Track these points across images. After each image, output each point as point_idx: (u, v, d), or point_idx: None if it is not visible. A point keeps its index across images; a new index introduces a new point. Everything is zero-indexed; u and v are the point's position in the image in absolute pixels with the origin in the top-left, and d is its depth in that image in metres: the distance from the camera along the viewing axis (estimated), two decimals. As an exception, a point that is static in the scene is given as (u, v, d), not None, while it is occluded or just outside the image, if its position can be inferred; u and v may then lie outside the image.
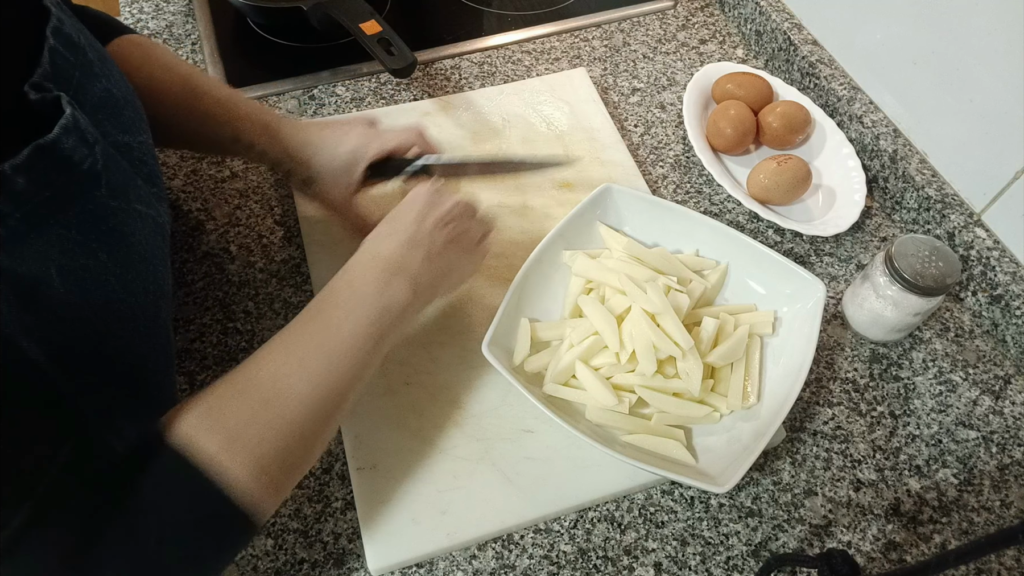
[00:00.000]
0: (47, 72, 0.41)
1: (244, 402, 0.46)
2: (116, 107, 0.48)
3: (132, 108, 0.50)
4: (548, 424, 0.61)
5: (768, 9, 0.89)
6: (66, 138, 0.39)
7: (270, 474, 0.45)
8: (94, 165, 0.41)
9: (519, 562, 0.56)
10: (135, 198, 0.46)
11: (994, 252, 0.68)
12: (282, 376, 0.48)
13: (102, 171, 0.42)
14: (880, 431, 0.64)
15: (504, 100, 0.84)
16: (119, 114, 0.48)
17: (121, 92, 0.49)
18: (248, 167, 0.78)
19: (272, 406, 0.46)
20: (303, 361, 0.49)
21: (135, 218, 0.46)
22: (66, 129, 0.39)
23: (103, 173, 0.42)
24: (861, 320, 0.68)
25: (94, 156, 0.41)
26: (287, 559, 0.56)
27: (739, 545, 0.58)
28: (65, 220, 0.40)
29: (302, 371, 0.48)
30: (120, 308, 0.44)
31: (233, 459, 0.43)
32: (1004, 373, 0.68)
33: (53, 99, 0.40)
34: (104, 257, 0.42)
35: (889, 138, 0.77)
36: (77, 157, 0.40)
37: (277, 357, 0.49)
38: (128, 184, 0.45)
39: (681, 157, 0.82)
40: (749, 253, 0.66)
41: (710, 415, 0.60)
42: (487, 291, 0.69)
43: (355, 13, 0.80)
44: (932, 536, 0.59)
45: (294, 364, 0.48)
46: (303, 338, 0.50)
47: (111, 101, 0.47)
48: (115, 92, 0.48)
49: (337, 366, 0.49)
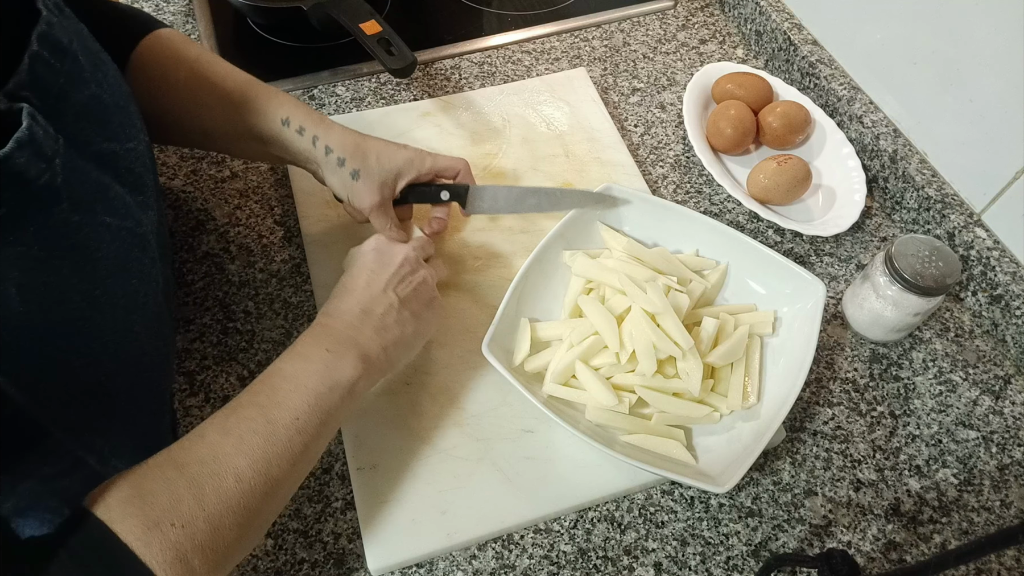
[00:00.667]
0: (23, 80, 0.39)
1: (173, 483, 0.43)
2: (104, 114, 0.46)
3: (124, 113, 0.49)
4: (548, 424, 0.61)
5: (768, 9, 0.89)
6: (19, 153, 0.37)
7: (190, 564, 0.41)
8: (52, 180, 0.40)
9: (519, 562, 0.56)
10: (105, 210, 0.44)
11: (994, 252, 0.68)
12: (219, 455, 0.44)
13: (62, 185, 0.40)
14: (880, 431, 0.64)
15: (504, 100, 0.84)
16: (106, 121, 0.47)
17: (113, 98, 0.48)
18: (248, 167, 0.78)
19: (203, 487, 0.43)
20: (242, 439, 0.46)
21: (103, 231, 0.44)
22: (20, 144, 0.37)
23: (63, 187, 0.40)
24: (861, 320, 0.68)
25: (52, 170, 0.40)
26: (287, 559, 0.56)
27: (739, 545, 0.58)
28: (24, 237, 0.38)
29: (240, 449, 0.45)
30: (85, 325, 0.43)
31: (150, 547, 0.40)
32: (1004, 373, 0.68)
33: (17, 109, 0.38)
34: (68, 273, 0.41)
35: (889, 138, 0.77)
36: (32, 172, 0.38)
37: (215, 434, 0.46)
38: (97, 197, 0.44)
39: (681, 157, 0.82)
40: (749, 253, 0.66)
41: (710, 415, 0.60)
42: (487, 291, 0.69)
43: (355, 13, 0.80)
44: (932, 536, 0.59)
45: (232, 442, 0.45)
46: (245, 414, 0.47)
47: (98, 108, 0.46)
48: (105, 98, 0.47)
49: (277, 445, 0.46)
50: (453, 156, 0.68)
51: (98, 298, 0.43)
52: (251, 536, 0.46)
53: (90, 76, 0.46)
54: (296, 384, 0.49)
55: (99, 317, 0.44)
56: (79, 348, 0.43)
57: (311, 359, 0.51)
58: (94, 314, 0.43)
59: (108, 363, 0.45)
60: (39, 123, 0.39)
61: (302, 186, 0.75)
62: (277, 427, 0.47)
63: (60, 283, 0.41)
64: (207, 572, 0.42)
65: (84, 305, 0.43)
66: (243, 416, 0.47)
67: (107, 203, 0.45)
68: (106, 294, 0.44)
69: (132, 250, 0.46)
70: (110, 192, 0.45)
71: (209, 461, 0.44)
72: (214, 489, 0.43)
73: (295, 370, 0.50)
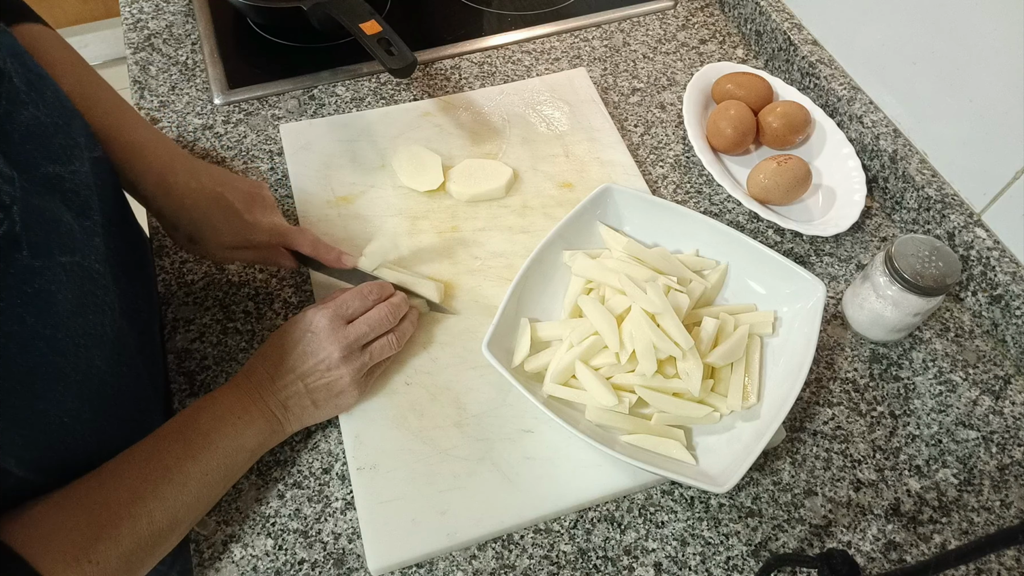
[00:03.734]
0: None
1: (93, 521, 0.46)
2: (45, 136, 0.46)
3: (64, 134, 0.48)
4: (548, 424, 0.61)
5: (768, 9, 0.89)
6: None
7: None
8: (12, 228, 0.39)
9: (519, 562, 0.56)
10: (59, 249, 0.44)
11: (994, 252, 0.68)
12: (136, 499, 0.48)
13: (22, 232, 0.40)
14: (880, 431, 0.64)
15: (504, 100, 0.84)
16: (48, 143, 0.46)
17: (52, 118, 0.47)
18: (248, 167, 0.78)
19: (119, 527, 0.47)
20: (157, 485, 0.49)
21: (60, 273, 0.44)
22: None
23: (23, 233, 0.40)
24: (861, 320, 0.68)
25: (11, 219, 0.39)
26: (287, 559, 0.56)
27: (739, 545, 0.58)
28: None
29: (155, 494, 0.49)
30: (48, 370, 0.43)
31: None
32: (1004, 373, 0.68)
33: None
34: (32, 321, 0.41)
35: (889, 138, 0.77)
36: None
37: (134, 479, 0.49)
38: (51, 235, 0.43)
39: (681, 157, 0.82)
40: (749, 253, 0.66)
41: (710, 415, 0.60)
42: (487, 291, 0.69)
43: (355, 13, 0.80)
44: (932, 536, 0.59)
45: (149, 488, 0.49)
46: (161, 462, 0.51)
47: (39, 129, 0.45)
48: (44, 119, 0.46)
49: (187, 495, 0.51)
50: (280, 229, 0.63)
51: (60, 340, 0.43)
52: (151, 566, 0.50)
53: (27, 97, 0.45)
54: (208, 442, 0.53)
55: (61, 360, 0.44)
56: (42, 393, 0.43)
57: (225, 421, 0.54)
58: (56, 358, 0.43)
59: (71, 402, 0.46)
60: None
61: (302, 186, 0.75)
62: (189, 478, 0.51)
63: (24, 332, 0.41)
64: None
65: (47, 350, 0.42)
66: (159, 464, 0.51)
67: (59, 239, 0.44)
68: (68, 335, 0.44)
69: (85, 284, 0.46)
70: (61, 226, 0.45)
71: (127, 503, 0.48)
72: (130, 530, 0.47)
73: (209, 428, 0.54)
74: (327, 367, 0.58)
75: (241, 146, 0.80)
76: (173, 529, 0.50)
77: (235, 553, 0.56)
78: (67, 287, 0.44)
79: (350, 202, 0.74)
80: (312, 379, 0.57)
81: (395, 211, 0.74)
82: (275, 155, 0.79)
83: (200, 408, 0.55)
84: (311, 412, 0.58)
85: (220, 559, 0.56)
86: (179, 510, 0.50)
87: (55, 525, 0.45)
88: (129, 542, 0.47)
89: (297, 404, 0.57)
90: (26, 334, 0.41)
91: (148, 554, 0.49)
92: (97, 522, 0.46)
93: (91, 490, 0.48)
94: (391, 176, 0.76)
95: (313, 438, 0.61)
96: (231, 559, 0.56)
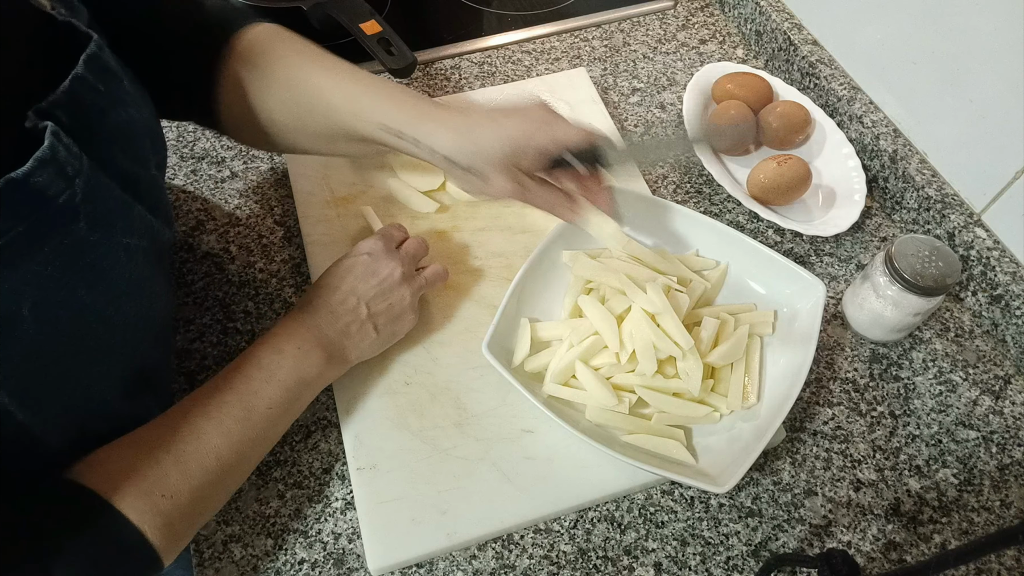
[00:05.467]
0: (59, 99, 0.40)
1: (161, 460, 0.47)
2: (134, 137, 0.48)
3: (149, 138, 0.51)
4: (548, 424, 0.61)
5: (768, 9, 0.89)
6: (40, 172, 0.38)
7: (175, 528, 0.47)
8: (72, 199, 0.40)
9: (519, 562, 0.56)
10: (123, 230, 0.45)
11: (994, 252, 0.68)
12: (202, 436, 0.50)
13: (81, 204, 0.41)
14: (880, 431, 0.64)
15: (504, 100, 0.84)
16: (133, 144, 0.48)
17: (143, 122, 0.50)
18: (248, 167, 0.78)
19: (188, 463, 0.48)
20: (221, 422, 0.51)
21: (119, 251, 0.45)
22: (41, 162, 0.38)
23: (82, 206, 0.41)
24: (861, 320, 0.68)
25: (72, 190, 0.40)
26: (287, 559, 0.56)
27: (739, 545, 0.58)
28: (41, 256, 0.39)
29: (220, 431, 0.50)
30: (97, 344, 0.44)
31: (142, 514, 0.45)
32: (1004, 373, 0.68)
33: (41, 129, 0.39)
34: (83, 293, 0.42)
35: (889, 138, 0.77)
36: (52, 191, 0.39)
37: (198, 417, 0.50)
38: (116, 216, 0.44)
39: (681, 157, 0.82)
40: (749, 253, 0.66)
41: (710, 415, 0.60)
42: (487, 291, 0.69)
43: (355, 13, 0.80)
44: (932, 536, 0.59)
45: (213, 425, 0.50)
46: (224, 398, 0.52)
47: (130, 131, 0.47)
48: (136, 122, 0.48)
49: (252, 430, 0.52)
50: (583, 127, 0.56)
51: (110, 318, 0.44)
52: (223, 501, 0.53)
53: (131, 100, 0.47)
54: (269, 375, 0.54)
55: (111, 337, 0.45)
56: (89, 369, 0.44)
57: (284, 353, 0.55)
58: (106, 334, 0.45)
59: (117, 382, 0.47)
60: (62, 141, 0.39)
61: (302, 186, 0.75)
62: (252, 413, 0.52)
63: (75, 303, 0.42)
64: (186, 531, 0.48)
65: (97, 325, 0.44)
66: (222, 401, 0.52)
67: (128, 222, 0.46)
68: (119, 313, 0.45)
69: (145, 268, 0.48)
70: (133, 211, 0.47)
71: (192, 440, 0.49)
72: (198, 466, 0.49)
73: (269, 362, 0.54)
74: (390, 286, 0.59)
75: (241, 146, 0.80)
76: (240, 465, 0.52)
77: (235, 553, 0.56)
78: (126, 267, 0.45)
79: (350, 202, 0.74)
80: (375, 302, 0.59)
81: (395, 211, 0.74)
82: (275, 155, 0.79)
83: (260, 343, 0.56)
84: (372, 339, 0.59)
85: (220, 559, 0.56)
86: (244, 445, 0.51)
87: (125, 463, 0.46)
88: (199, 477, 0.48)
89: (358, 331, 0.58)
90: (77, 304, 0.42)
91: (219, 489, 0.51)
92: (166, 459, 0.48)
93: (158, 430, 0.49)
94: (391, 176, 0.76)
95: (313, 438, 0.61)
96: (231, 559, 0.56)
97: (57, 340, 0.41)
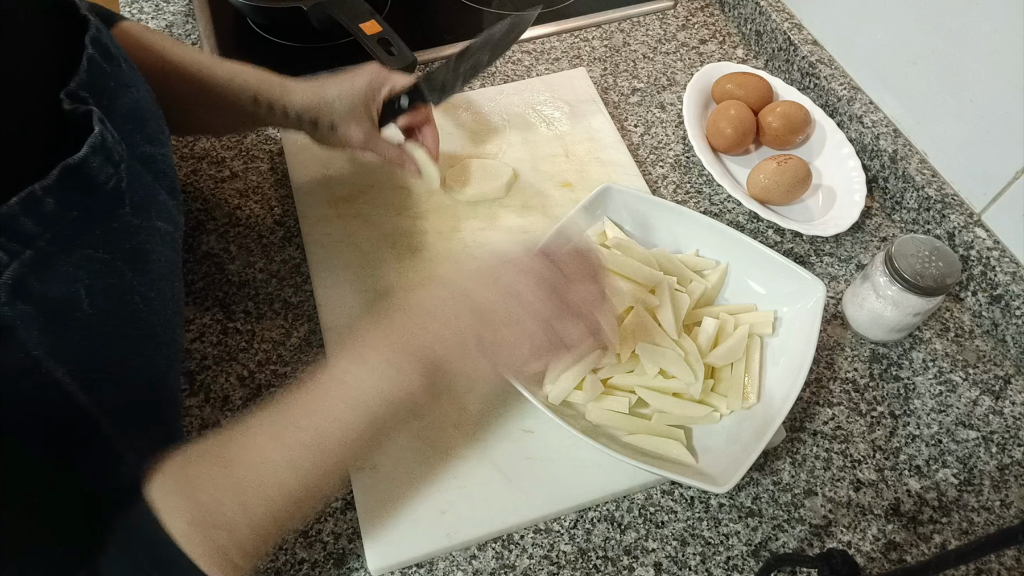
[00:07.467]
0: (83, 80, 0.41)
1: (219, 482, 0.42)
2: (143, 118, 0.48)
3: (156, 119, 0.51)
4: (548, 424, 0.61)
5: (768, 9, 0.89)
6: (93, 158, 0.39)
7: (230, 559, 0.41)
8: (119, 184, 0.41)
9: (519, 562, 0.56)
10: (156, 214, 0.46)
11: (994, 252, 0.68)
12: (267, 462, 0.43)
13: (126, 190, 0.42)
14: (880, 431, 0.64)
15: (504, 100, 0.84)
16: (145, 125, 0.48)
17: (147, 103, 0.50)
18: (248, 167, 0.78)
19: (246, 492, 0.42)
20: (291, 449, 0.43)
21: (155, 235, 0.46)
22: (94, 148, 0.39)
23: (127, 192, 0.42)
24: (861, 320, 0.68)
25: (119, 175, 0.41)
26: (287, 559, 0.56)
27: (739, 545, 0.58)
28: (91, 240, 0.40)
29: (288, 459, 0.43)
30: (143, 325, 0.44)
31: (193, 544, 0.40)
32: (1004, 373, 0.68)
33: (85, 112, 0.40)
34: (129, 275, 0.43)
35: (889, 138, 0.77)
36: (103, 177, 0.40)
37: (266, 438, 0.44)
38: (150, 200, 0.46)
39: (681, 157, 0.82)
40: (749, 253, 0.66)
41: (710, 415, 0.60)
42: (487, 291, 0.69)
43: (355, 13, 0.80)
44: (932, 536, 0.59)
45: (282, 451, 0.43)
46: (298, 422, 0.44)
47: (139, 112, 0.48)
48: (142, 103, 0.49)
49: (326, 462, 0.44)
50: (404, 74, 0.69)
51: (152, 300, 0.45)
52: (289, 530, 0.47)
53: (130, 81, 0.47)
54: (355, 399, 0.45)
55: (154, 319, 0.45)
56: (138, 349, 0.45)
57: (374, 369, 0.45)
58: (150, 316, 0.45)
59: (161, 363, 0.47)
60: (108, 128, 0.40)
61: (302, 186, 0.75)
62: (328, 443, 0.44)
63: (122, 285, 0.42)
64: (245, 563, 0.42)
65: (142, 307, 0.44)
66: (295, 424, 0.44)
67: (157, 207, 0.47)
68: (159, 296, 0.46)
69: (172, 253, 0.49)
70: (159, 196, 0.47)
71: (257, 466, 0.43)
72: (257, 497, 0.42)
73: (354, 380, 0.45)
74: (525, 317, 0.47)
75: (241, 146, 0.80)
76: (312, 497, 0.45)
77: (235, 553, 0.56)
78: (161, 250, 0.46)
79: (350, 202, 0.74)
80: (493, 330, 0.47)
81: (395, 211, 0.74)
82: (275, 155, 0.79)
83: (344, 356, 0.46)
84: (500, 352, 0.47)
85: (220, 559, 0.56)
86: (318, 478, 0.44)
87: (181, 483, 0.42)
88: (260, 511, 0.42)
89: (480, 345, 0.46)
90: (124, 287, 0.42)
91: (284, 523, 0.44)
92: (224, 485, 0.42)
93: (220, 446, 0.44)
94: (391, 176, 0.76)
95: (313, 438, 0.61)
96: (231, 559, 0.56)
97: (110, 323, 0.42)
